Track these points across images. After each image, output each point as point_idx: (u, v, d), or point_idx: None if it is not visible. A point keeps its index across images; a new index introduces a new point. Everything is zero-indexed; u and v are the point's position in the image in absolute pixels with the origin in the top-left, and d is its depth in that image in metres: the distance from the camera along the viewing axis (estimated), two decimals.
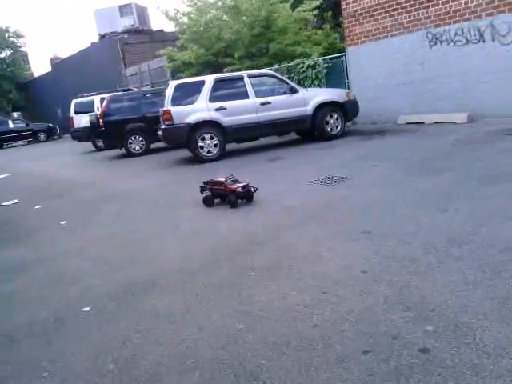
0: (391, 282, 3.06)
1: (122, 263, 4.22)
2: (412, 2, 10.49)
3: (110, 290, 3.60)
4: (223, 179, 5.71)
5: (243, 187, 5.54)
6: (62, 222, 6.04)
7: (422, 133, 9.33)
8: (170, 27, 32.59)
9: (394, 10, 10.90)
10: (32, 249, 5.14)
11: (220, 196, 5.75)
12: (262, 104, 9.66)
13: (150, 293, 3.47)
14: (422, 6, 10.33)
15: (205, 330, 2.80)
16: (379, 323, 2.60)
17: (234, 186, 5.55)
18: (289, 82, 10.35)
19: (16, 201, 8.18)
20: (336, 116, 9.99)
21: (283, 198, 5.63)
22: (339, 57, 12.87)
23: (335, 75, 12.81)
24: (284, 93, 9.96)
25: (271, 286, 3.27)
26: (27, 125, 27.97)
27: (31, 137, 27.54)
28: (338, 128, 10.06)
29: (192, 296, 3.30)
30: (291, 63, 13.84)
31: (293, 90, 9.95)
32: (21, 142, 27.59)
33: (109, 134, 13.11)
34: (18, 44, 36.68)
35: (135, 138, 12.96)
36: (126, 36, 25.86)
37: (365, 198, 5.13)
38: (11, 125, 27.77)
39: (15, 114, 37.42)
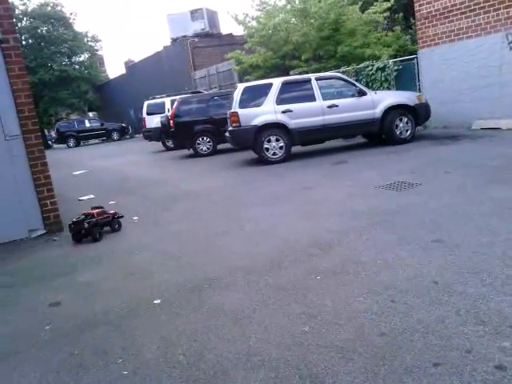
0: (465, 294, 2.94)
1: (190, 259, 4.37)
2: (491, 2, 9.97)
3: (179, 285, 3.74)
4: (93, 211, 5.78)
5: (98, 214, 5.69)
6: (134, 218, 6.35)
7: (499, 139, 8.84)
8: (238, 31, 33.12)
9: (470, 10, 10.41)
10: (108, 241, 5.44)
11: (105, 224, 5.76)
12: (329, 107, 9.59)
13: (216, 290, 3.57)
14: (502, 5, 9.78)
15: (270, 330, 2.84)
16: (451, 336, 2.51)
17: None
18: (357, 84, 10.20)
19: (92, 196, 8.68)
20: (406, 119, 9.70)
21: (349, 203, 5.56)
22: (410, 59, 12.50)
23: (406, 78, 12.45)
24: (352, 95, 9.84)
25: (337, 290, 3.25)
26: (102, 124, 29.59)
27: (105, 135, 29.11)
28: (408, 132, 9.76)
29: (257, 296, 3.35)
30: (360, 65, 13.61)
31: (361, 93, 9.80)
32: (96, 141, 29.24)
33: (178, 135, 13.61)
34: (95, 48, 38.82)
35: (203, 138, 13.33)
36: (196, 39, 26.64)
37: (436, 206, 4.95)
38: (87, 124, 29.54)
39: (91, 114, 39.71)
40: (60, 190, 6.34)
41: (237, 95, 9.86)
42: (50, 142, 32.61)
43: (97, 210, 5.72)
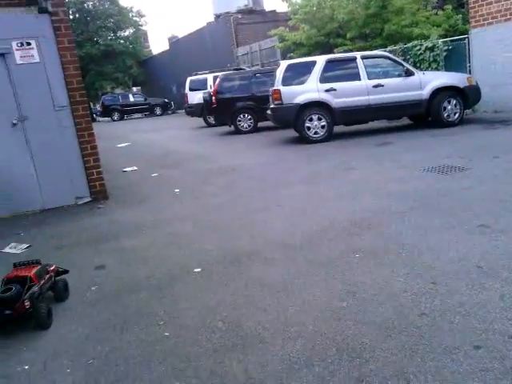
0: (509, 279, 2.86)
1: (230, 232, 4.44)
2: None
3: (218, 256, 3.81)
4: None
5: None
6: (176, 190, 6.48)
7: None
8: (282, 7, 32.60)
9: None
10: (150, 211, 5.59)
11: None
12: (375, 86, 9.36)
13: (255, 263, 3.62)
14: None
15: (308, 303, 2.87)
16: (494, 320, 2.46)
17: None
18: (404, 63, 9.88)
19: (135, 168, 8.90)
20: (454, 102, 9.34)
21: (393, 184, 5.47)
22: (461, 39, 11.96)
23: (455, 59, 11.93)
24: (399, 75, 9.55)
25: (377, 270, 3.23)
26: (145, 99, 30.02)
27: (148, 110, 29.54)
28: (456, 115, 9.41)
29: (295, 270, 3.38)
30: (407, 45, 13.15)
31: (408, 73, 9.49)
32: (139, 115, 29.73)
33: (220, 111, 13.67)
34: (140, 23, 39.17)
35: (244, 116, 13.34)
36: (239, 16, 26.39)
37: (483, 191, 4.79)
38: (131, 98, 30.03)
39: (135, 89, 40.30)
40: (104, 161, 6.52)
41: (280, 72, 9.77)
42: (94, 116, 33.44)
43: (33, 270, 3.14)
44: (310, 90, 9.42)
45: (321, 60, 9.64)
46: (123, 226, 5.10)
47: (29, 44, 5.87)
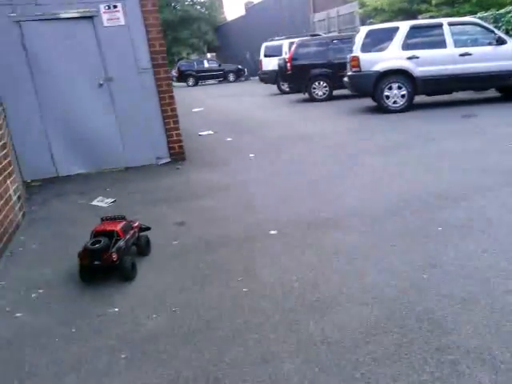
0: None
1: (306, 199, 4.44)
2: None
3: (295, 221, 3.85)
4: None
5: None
6: (251, 155, 6.56)
7: None
8: None
9: None
10: (226, 174, 5.72)
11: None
12: (462, 55, 8.79)
13: (331, 229, 3.62)
14: None
15: (387, 273, 2.83)
16: None
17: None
18: (496, 31, 9.15)
19: (210, 132, 9.08)
20: None
21: (478, 158, 5.18)
22: None
23: None
24: (489, 44, 8.89)
25: (460, 243, 3.12)
26: (219, 65, 30.22)
27: (222, 76, 29.75)
28: None
29: (373, 239, 3.34)
30: (500, 11, 12.12)
31: (500, 41, 8.80)
32: (212, 81, 30.04)
33: (294, 78, 13.50)
34: None
35: (319, 83, 13.08)
36: None
37: None
38: (206, 64, 30.33)
39: (209, 55, 40.65)
40: (181, 125, 6.70)
41: (359, 39, 9.44)
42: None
43: (119, 225, 3.29)
44: (391, 57, 9.03)
45: (404, 26, 9.17)
46: (200, 186, 5.27)
47: (115, 7, 6.07)
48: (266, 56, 17.59)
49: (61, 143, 6.20)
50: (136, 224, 3.53)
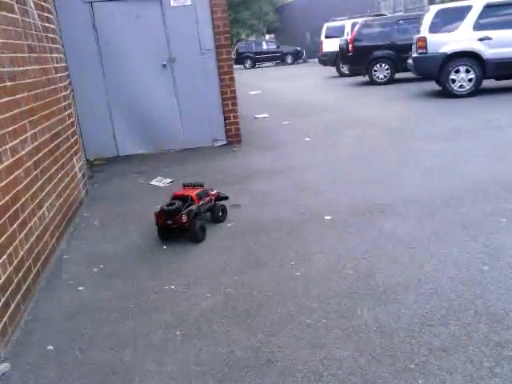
0: None
1: (362, 184, 4.36)
2: None
3: (350, 206, 3.80)
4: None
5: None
6: (306, 139, 6.50)
7: None
8: None
9: None
10: (281, 157, 5.72)
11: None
12: None
13: (388, 216, 3.53)
14: None
15: (445, 263, 2.74)
16: None
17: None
18: None
19: (266, 115, 9.07)
20: None
21: None
22: None
23: None
24: None
25: None
26: (278, 47, 29.93)
27: (279, 59, 29.49)
28: None
29: (432, 228, 3.23)
30: None
31: None
32: (270, 63, 29.86)
33: (355, 60, 13.15)
34: None
35: (381, 65, 12.66)
36: None
37: None
38: (264, 46, 30.14)
39: (267, 37, 40.33)
40: (238, 108, 6.72)
41: (428, 18, 9.01)
42: None
43: (195, 191, 3.64)
44: (461, 38, 8.57)
45: (478, 4, 8.62)
46: (256, 169, 5.30)
47: None
48: (326, 37, 17.20)
49: (123, 124, 6.42)
50: (213, 192, 3.85)
